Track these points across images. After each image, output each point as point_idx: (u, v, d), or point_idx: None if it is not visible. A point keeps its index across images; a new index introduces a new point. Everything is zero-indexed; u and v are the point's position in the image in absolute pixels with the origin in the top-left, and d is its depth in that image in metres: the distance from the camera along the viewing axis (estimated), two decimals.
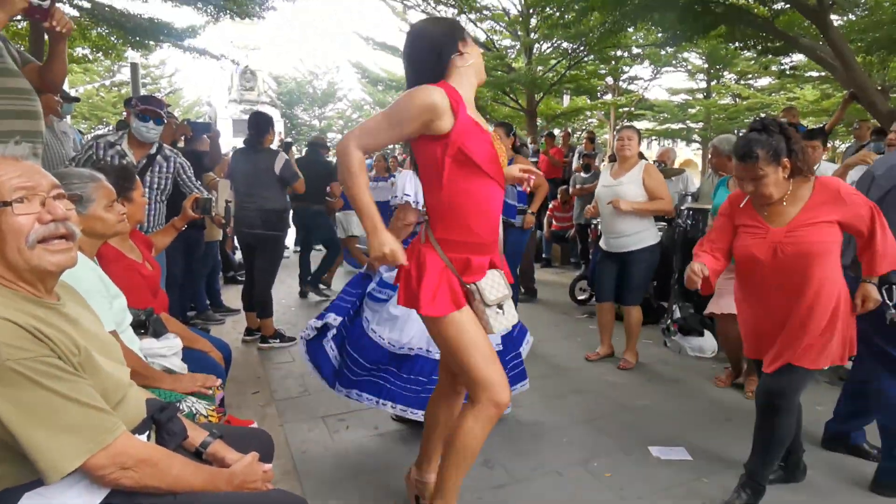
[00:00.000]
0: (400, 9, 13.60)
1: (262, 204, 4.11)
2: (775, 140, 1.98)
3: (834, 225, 2.00)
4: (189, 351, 2.22)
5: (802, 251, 2.00)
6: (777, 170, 1.99)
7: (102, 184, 1.82)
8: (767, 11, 6.46)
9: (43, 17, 1.91)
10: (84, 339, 1.14)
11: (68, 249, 1.14)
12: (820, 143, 4.17)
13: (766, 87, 18.84)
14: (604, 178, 3.90)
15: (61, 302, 1.20)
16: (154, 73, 25.62)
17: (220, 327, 4.82)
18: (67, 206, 1.17)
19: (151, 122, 3.18)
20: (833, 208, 2.00)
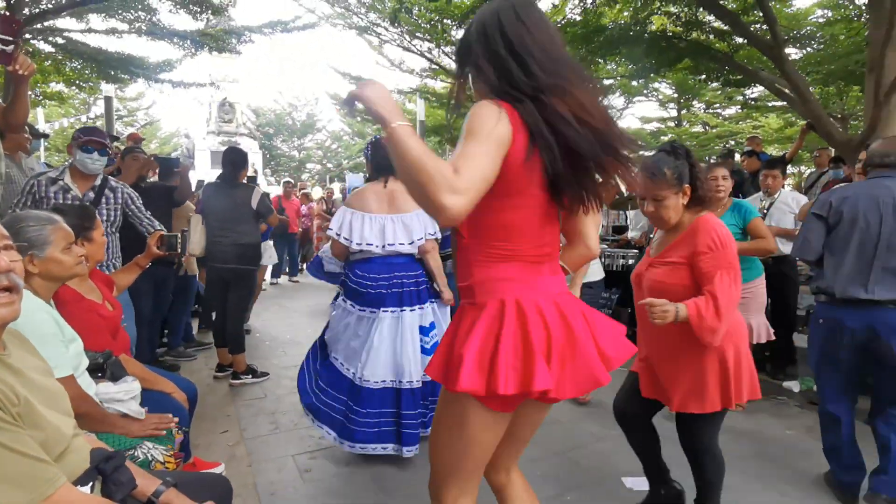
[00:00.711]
0: (376, 43, 13.85)
1: (237, 238, 4.08)
2: (681, 164, 1.96)
3: (685, 267, 1.92)
4: (150, 393, 2.17)
5: (653, 287, 1.99)
6: (678, 195, 1.96)
7: (60, 226, 1.80)
8: (727, 46, 6.75)
9: (6, 62, 1.92)
10: (26, 389, 1.12)
11: (10, 303, 1.14)
12: (779, 172, 4.34)
13: (732, 116, 19.48)
14: None
15: (6, 352, 1.18)
16: (131, 106, 25.57)
17: (192, 364, 4.72)
18: (13, 257, 1.16)
19: (95, 153, 3.11)
20: (687, 249, 1.92)
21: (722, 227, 1.93)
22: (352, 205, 2.94)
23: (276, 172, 29.57)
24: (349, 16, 12.65)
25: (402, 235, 2.87)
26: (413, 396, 2.81)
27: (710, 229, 1.90)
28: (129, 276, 2.69)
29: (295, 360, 4.77)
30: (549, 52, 1.23)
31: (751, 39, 5.75)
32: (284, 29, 9.03)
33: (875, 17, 4.87)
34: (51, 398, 1.21)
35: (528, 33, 1.24)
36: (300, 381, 3.05)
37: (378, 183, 2.95)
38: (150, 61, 8.11)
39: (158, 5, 7.02)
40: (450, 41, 12.78)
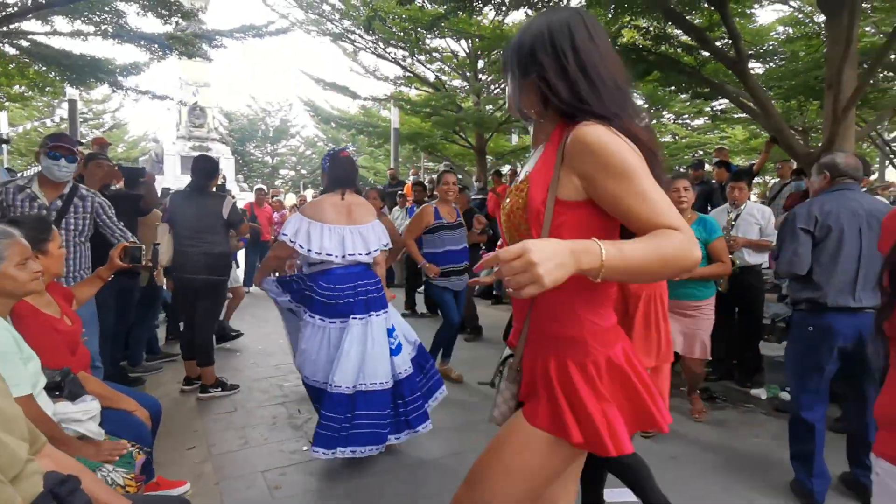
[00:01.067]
0: (350, 50, 13.79)
1: (207, 248, 4.00)
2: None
3: None
4: (111, 412, 2.10)
5: None
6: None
7: (15, 240, 1.73)
8: (694, 60, 6.92)
9: None
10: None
11: None
12: (745, 184, 4.45)
13: (701, 127, 19.97)
14: None
15: None
16: (97, 109, 24.90)
17: (158, 377, 4.59)
18: None
19: (63, 159, 3.02)
20: None
21: None
22: (308, 214, 3.01)
23: (249, 178, 29.16)
24: (323, 22, 12.57)
25: (361, 246, 3.01)
26: (383, 397, 2.91)
27: None
28: (90, 289, 2.60)
29: (267, 372, 4.70)
30: (617, 80, 1.17)
31: (716, 54, 5.90)
32: (257, 34, 8.88)
33: (832, 36, 5.06)
34: (6, 421, 1.16)
35: (601, 57, 1.16)
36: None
37: (335, 195, 3.07)
38: (117, 63, 7.90)
39: (126, 8, 6.86)
40: (424, 49, 12.82)
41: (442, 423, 3.57)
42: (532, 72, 1.19)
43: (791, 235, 2.67)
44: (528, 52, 1.20)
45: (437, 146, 14.93)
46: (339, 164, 3.15)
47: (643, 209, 1.04)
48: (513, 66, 1.24)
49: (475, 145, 13.86)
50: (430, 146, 14.84)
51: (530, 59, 1.20)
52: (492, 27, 10.94)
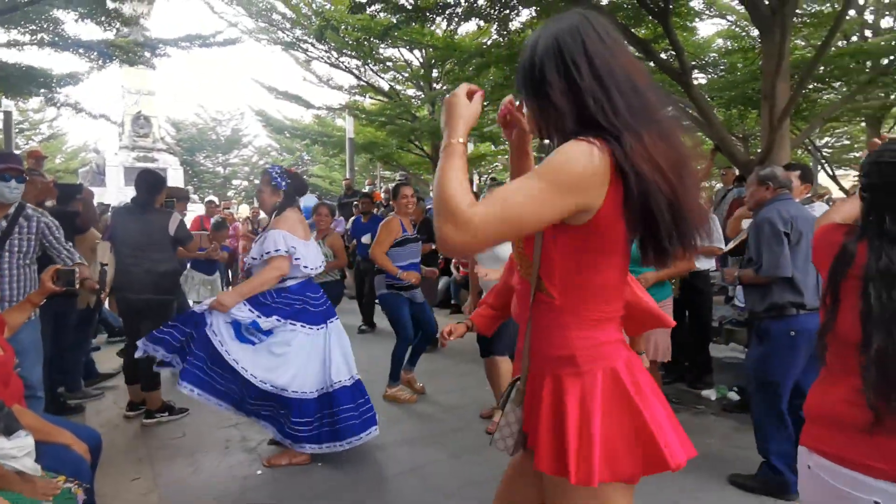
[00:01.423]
0: (303, 59, 13.61)
1: (151, 266, 3.81)
2: None
3: None
4: (47, 446, 1.96)
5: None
6: None
7: None
8: None
9: None
10: None
11: None
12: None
13: None
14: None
15: None
16: (33, 118, 23.61)
17: (99, 403, 4.34)
18: None
19: (13, 180, 2.88)
20: None
21: None
22: (288, 230, 3.12)
23: (200, 189, 28.27)
24: (274, 31, 12.38)
25: (320, 257, 3.34)
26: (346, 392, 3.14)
27: None
28: (22, 315, 2.43)
29: None
30: (635, 81, 1.07)
31: (661, 66, 6.14)
32: (204, 44, 8.66)
33: (766, 51, 5.34)
34: None
35: (613, 57, 1.08)
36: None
37: (294, 210, 3.22)
38: (54, 74, 7.51)
39: (63, 16, 6.53)
40: (377, 59, 12.80)
41: (403, 436, 3.53)
42: (541, 92, 1.11)
43: (776, 239, 2.77)
44: (536, 70, 1.12)
45: (392, 155, 14.90)
46: (300, 181, 3.40)
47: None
48: (526, 88, 1.16)
49: (431, 154, 13.91)
50: (386, 156, 14.80)
51: (541, 79, 1.11)
52: (444, 37, 11.02)
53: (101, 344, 6.04)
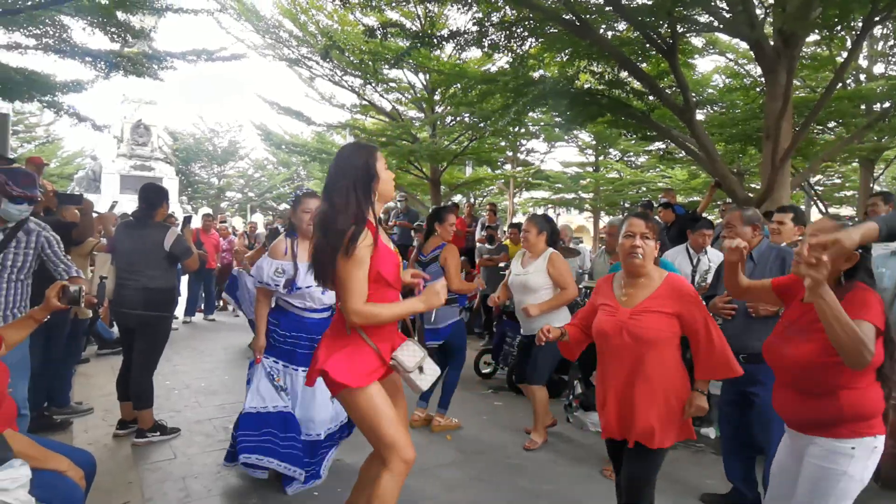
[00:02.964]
0: (307, 75, 13.70)
1: (145, 283, 3.75)
2: (657, 226, 2.32)
3: (672, 318, 2.15)
4: (40, 473, 1.88)
5: (639, 334, 2.13)
6: (655, 245, 2.24)
7: None
8: (644, 105, 7.28)
9: None
10: None
11: None
12: (712, 230, 4.56)
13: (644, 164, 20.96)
14: (514, 267, 3.99)
15: None
16: (29, 121, 23.49)
17: (87, 419, 4.22)
18: None
19: (25, 203, 2.85)
20: (673, 302, 2.16)
21: (688, 282, 2.34)
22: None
23: (194, 199, 28.13)
24: (279, 47, 12.46)
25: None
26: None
27: (687, 283, 2.25)
28: (21, 332, 2.35)
29: (209, 413, 4.41)
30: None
31: (666, 102, 6.23)
32: (209, 58, 8.68)
33: (771, 92, 5.44)
34: None
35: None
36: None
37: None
38: (57, 80, 7.48)
39: (71, 23, 6.53)
40: (381, 79, 12.90)
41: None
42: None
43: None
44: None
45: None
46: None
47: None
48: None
49: (430, 176, 13.94)
50: None
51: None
52: (451, 63, 11.14)
53: (90, 356, 5.91)
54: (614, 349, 2.19)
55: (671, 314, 2.14)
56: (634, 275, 2.25)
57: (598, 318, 2.28)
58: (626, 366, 2.16)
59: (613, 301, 2.28)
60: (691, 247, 4.45)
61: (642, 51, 6.33)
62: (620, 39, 6.48)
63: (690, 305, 2.14)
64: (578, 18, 5.68)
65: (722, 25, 5.80)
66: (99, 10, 6.13)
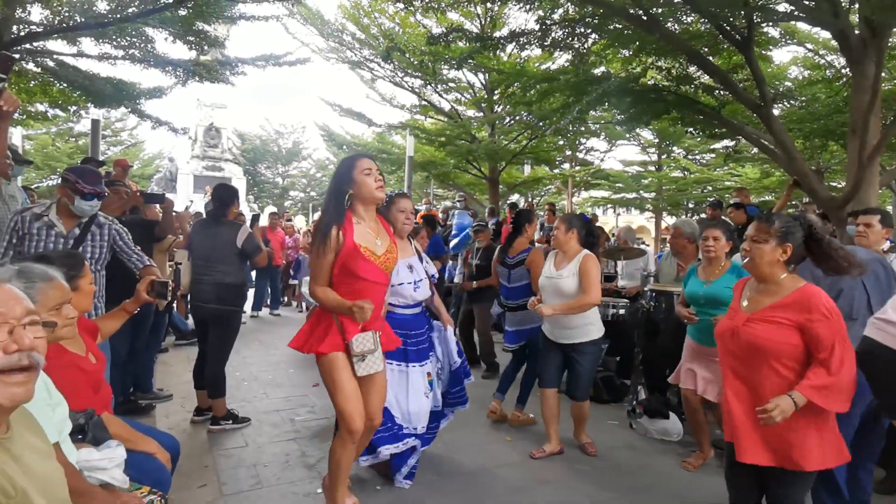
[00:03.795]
0: (368, 77, 14.00)
1: (219, 278, 3.95)
2: (794, 227, 2.10)
3: (792, 330, 2.00)
4: (132, 454, 2.02)
5: (750, 342, 2.04)
6: (776, 249, 2.08)
7: (55, 284, 1.65)
8: (714, 101, 6.96)
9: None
10: (24, 478, 1.04)
11: (26, 382, 1.07)
12: None
13: (710, 163, 20.04)
14: (547, 268, 3.72)
15: (9, 434, 1.10)
16: (115, 126, 25.26)
17: (167, 405, 4.50)
18: (37, 333, 1.11)
19: (95, 199, 3.07)
20: (797, 314, 2.00)
21: (830, 300, 2.02)
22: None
23: (259, 198, 29.40)
24: (343, 50, 12.81)
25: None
26: None
27: (823, 298, 2.00)
28: (115, 323, 2.54)
29: (277, 405, 4.60)
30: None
31: (739, 97, 5.92)
32: (276, 63, 9.05)
33: (858, 85, 5.07)
34: (48, 486, 1.12)
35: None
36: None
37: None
38: (141, 88, 8.03)
39: (154, 34, 6.99)
40: (440, 80, 13.00)
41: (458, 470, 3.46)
42: None
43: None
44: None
45: (449, 175, 15.01)
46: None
47: None
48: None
49: (488, 175, 13.92)
50: (443, 174, 14.93)
51: None
52: (511, 62, 11.07)
53: (168, 346, 6.29)
54: (728, 354, 2.16)
55: (791, 325, 2.00)
56: (758, 279, 2.18)
57: (721, 320, 2.28)
58: (741, 375, 2.11)
59: (737, 304, 2.24)
60: None
61: (714, 44, 6.05)
62: (690, 33, 6.22)
63: (819, 322, 1.95)
64: (646, 13, 5.51)
65: (803, 14, 5.45)
66: (180, 21, 6.52)
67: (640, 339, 4.53)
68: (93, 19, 6.60)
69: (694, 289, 3.47)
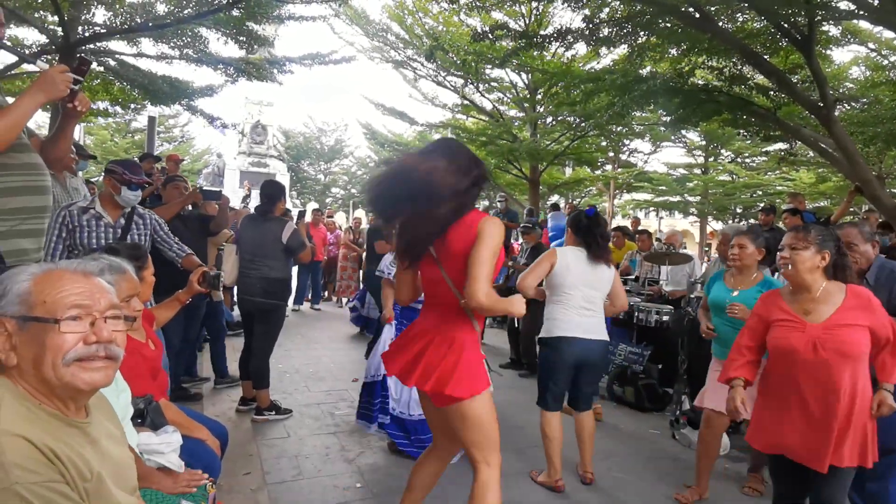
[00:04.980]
0: (411, 76, 14.09)
1: (265, 272, 4.05)
2: (828, 236, 2.18)
3: (866, 330, 2.07)
4: (186, 440, 2.10)
5: (842, 350, 2.05)
6: (815, 256, 2.12)
7: (126, 276, 1.72)
8: (769, 102, 6.69)
9: (70, 99, 1.92)
10: (100, 463, 1.09)
11: (105, 367, 1.12)
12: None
13: (760, 166, 19.31)
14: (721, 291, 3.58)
15: (88, 419, 1.15)
16: (168, 123, 26.30)
17: (214, 395, 4.65)
18: (117, 326, 1.16)
19: (138, 189, 3.20)
20: (865, 314, 2.07)
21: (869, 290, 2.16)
22: None
23: (302, 195, 30.03)
24: (387, 50, 12.93)
25: None
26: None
27: (868, 292, 2.13)
28: (169, 312, 2.64)
29: (317, 398, 4.69)
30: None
31: (798, 98, 5.68)
32: (322, 61, 9.21)
33: None
34: (120, 473, 1.16)
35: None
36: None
37: None
38: (195, 86, 8.33)
39: (208, 34, 7.24)
40: (482, 79, 12.97)
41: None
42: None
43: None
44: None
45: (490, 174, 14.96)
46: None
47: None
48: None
49: (529, 175, 13.82)
50: None
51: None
52: (556, 62, 10.95)
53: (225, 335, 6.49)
54: (808, 366, 2.09)
55: (865, 326, 2.07)
56: (797, 287, 2.19)
57: (782, 335, 2.18)
58: (822, 382, 2.07)
59: (793, 315, 2.18)
60: None
61: (771, 43, 5.81)
62: (745, 31, 6.00)
63: (880, 316, 2.08)
64: (699, 10, 5.34)
65: (866, 13, 5.18)
66: (233, 21, 6.73)
67: (685, 347, 4.41)
68: (152, 21, 6.88)
69: (720, 295, 3.21)
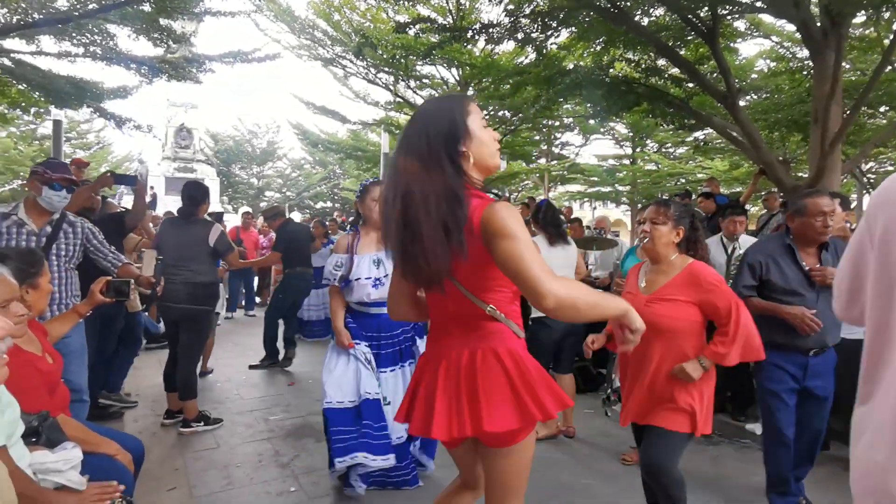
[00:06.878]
0: (341, 74, 13.86)
1: (190, 277, 3.87)
2: (684, 213, 2.30)
3: (690, 305, 2.17)
4: (91, 457, 1.96)
5: (653, 322, 2.08)
6: (672, 231, 2.25)
7: (0, 279, 1.60)
8: (682, 93, 7.05)
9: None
10: None
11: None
12: (744, 217, 4.46)
13: (682, 156, 20.32)
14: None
15: None
16: (81, 128, 24.59)
17: (136, 410, 4.39)
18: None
19: (63, 190, 2.96)
20: (691, 290, 2.17)
21: (713, 271, 2.22)
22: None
23: (234, 200, 28.91)
24: (314, 47, 12.64)
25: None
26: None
27: (707, 271, 2.19)
28: (64, 326, 2.44)
29: (250, 405, 4.53)
30: None
31: (707, 88, 6.02)
32: (245, 59, 8.86)
33: (819, 74, 5.18)
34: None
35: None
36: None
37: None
38: (105, 87, 7.81)
39: (117, 31, 6.80)
40: (414, 76, 12.94)
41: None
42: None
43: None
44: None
45: None
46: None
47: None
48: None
49: None
50: None
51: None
52: (483, 56, 11.08)
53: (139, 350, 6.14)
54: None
55: (689, 302, 2.15)
56: (652, 260, 2.31)
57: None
58: (640, 353, 2.11)
59: (635, 288, 2.33)
60: (724, 235, 4.34)
61: (681, 36, 6.12)
62: (658, 25, 6.29)
63: (711, 293, 2.13)
64: (614, 5, 5.55)
65: (765, 6, 5.56)
66: (143, 16, 6.35)
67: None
68: (51, 16, 6.38)
69: (631, 264, 3.38)
